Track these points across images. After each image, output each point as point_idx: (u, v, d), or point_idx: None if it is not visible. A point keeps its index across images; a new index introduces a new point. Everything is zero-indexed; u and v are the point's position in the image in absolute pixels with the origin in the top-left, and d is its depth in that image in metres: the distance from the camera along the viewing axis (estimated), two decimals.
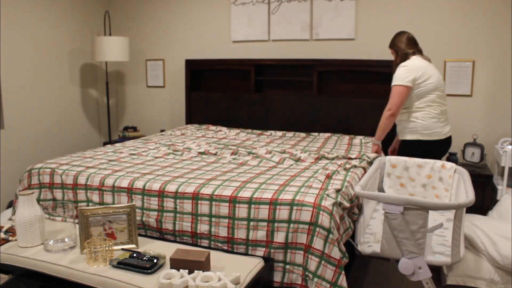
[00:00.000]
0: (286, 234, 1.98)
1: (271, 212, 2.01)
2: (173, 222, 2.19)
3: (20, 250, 2.04)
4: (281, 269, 2.02)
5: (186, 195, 2.17)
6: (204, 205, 2.13)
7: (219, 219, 2.10)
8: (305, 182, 2.23)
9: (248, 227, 2.05)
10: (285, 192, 2.09)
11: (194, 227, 2.15)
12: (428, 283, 2.03)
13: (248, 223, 2.05)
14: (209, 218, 2.12)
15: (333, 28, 3.99)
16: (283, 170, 2.53)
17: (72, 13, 4.44)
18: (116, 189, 2.34)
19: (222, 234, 2.10)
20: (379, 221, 2.45)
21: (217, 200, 2.11)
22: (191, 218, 2.16)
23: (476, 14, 3.56)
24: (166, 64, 4.74)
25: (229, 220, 2.08)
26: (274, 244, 2.01)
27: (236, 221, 2.07)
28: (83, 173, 2.48)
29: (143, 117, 4.95)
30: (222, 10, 4.40)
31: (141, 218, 2.26)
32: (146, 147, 3.17)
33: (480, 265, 2.55)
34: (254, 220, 2.03)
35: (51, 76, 4.26)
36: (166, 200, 2.21)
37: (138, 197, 2.28)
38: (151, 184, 2.28)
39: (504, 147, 3.34)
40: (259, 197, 2.05)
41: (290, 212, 1.98)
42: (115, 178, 2.38)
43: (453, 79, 3.68)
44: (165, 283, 1.68)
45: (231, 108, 4.32)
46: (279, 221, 2.00)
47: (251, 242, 2.05)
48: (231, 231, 2.08)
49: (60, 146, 4.36)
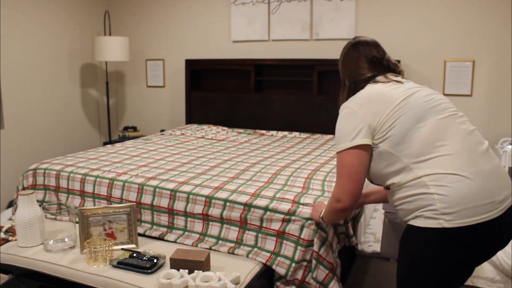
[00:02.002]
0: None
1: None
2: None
3: (20, 250, 2.04)
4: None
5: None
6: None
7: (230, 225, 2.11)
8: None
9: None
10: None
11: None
12: None
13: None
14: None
15: (333, 28, 3.99)
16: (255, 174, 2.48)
17: (72, 13, 4.44)
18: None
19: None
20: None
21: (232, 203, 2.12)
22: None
23: (476, 14, 3.56)
24: (166, 64, 4.73)
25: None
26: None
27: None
28: (90, 179, 2.48)
29: (143, 117, 4.94)
30: (222, 10, 4.39)
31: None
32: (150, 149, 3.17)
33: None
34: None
35: (51, 76, 4.25)
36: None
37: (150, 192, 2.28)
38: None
39: (504, 147, 3.34)
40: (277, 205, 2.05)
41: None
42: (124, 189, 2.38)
43: (453, 79, 3.68)
44: (165, 283, 1.68)
45: (231, 108, 4.32)
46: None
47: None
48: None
49: (60, 146, 4.36)
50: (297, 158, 2.88)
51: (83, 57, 4.63)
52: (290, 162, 2.76)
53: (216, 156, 2.92)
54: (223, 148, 3.20)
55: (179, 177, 2.36)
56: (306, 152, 3.08)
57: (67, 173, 2.54)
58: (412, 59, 3.77)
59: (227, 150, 3.13)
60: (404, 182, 1.44)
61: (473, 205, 1.35)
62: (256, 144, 3.41)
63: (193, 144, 3.35)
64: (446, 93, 3.70)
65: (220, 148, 3.18)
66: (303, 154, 3.01)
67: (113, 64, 4.92)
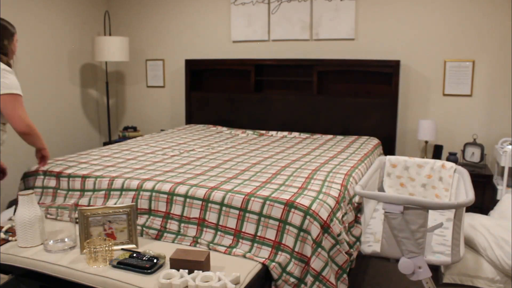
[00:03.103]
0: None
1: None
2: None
3: (20, 250, 2.04)
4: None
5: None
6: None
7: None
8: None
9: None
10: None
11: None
12: (428, 283, 2.03)
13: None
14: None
15: (333, 28, 3.99)
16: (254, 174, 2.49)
17: (72, 13, 4.44)
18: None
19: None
20: (379, 220, 2.46)
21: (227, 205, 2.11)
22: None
23: (476, 14, 3.56)
24: (166, 64, 4.74)
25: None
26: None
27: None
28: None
29: (143, 117, 4.95)
30: (222, 10, 4.40)
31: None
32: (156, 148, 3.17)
33: (479, 264, 2.55)
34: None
35: (51, 76, 4.26)
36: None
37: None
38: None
39: (504, 147, 3.34)
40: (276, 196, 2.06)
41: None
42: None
43: (453, 79, 3.68)
44: (165, 283, 1.68)
45: (231, 108, 4.32)
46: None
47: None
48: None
49: (60, 146, 4.36)
50: (296, 158, 2.88)
51: (83, 57, 4.63)
52: (290, 162, 2.76)
53: (216, 156, 2.92)
54: (223, 148, 3.20)
55: (176, 178, 2.36)
56: (306, 152, 3.08)
57: (67, 173, 2.54)
58: (412, 59, 3.77)
59: (226, 150, 3.13)
60: None
61: None
62: (255, 144, 3.41)
63: (190, 146, 3.35)
64: (446, 93, 3.71)
65: (219, 149, 3.18)
66: (303, 154, 3.01)
67: (113, 64, 4.92)
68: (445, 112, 3.75)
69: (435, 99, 3.76)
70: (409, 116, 3.86)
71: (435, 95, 3.76)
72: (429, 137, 3.59)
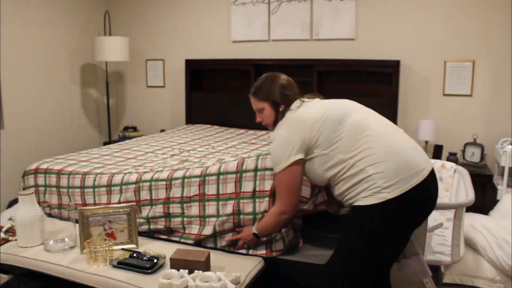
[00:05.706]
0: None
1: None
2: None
3: (20, 250, 2.04)
4: None
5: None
6: None
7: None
8: None
9: None
10: None
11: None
12: (428, 283, 2.03)
13: None
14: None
15: (333, 28, 3.98)
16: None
17: (72, 13, 4.43)
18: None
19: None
20: None
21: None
22: None
23: (476, 14, 3.55)
24: (166, 64, 4.73)
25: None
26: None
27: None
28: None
29: (143, 117, 4.94)
30: (222, 10, 4.39)
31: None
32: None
33: (479, 264, 2.55)
34: None
35: (51, 76, 4.25)
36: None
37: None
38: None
39: (504, 147, 3.33)
40: None
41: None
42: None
43: (453, 79, 3.68)
44: (165, 283, 1.68)
45: (231, 108, 4.32)
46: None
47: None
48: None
49: (60, 146, 4.36)
50: None
51: (83, 57, 4.63)
52: None
53: (216, 156, 2.92)
54: (223, 148, 3.20)
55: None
56: None
57: (68, 171, 2.55)
58: (412, 59, 3.77)
59: (226, 150, 3.13)
60: (342, 174, 1.72)
61: (403, 176, 1.63)
62: (255, 144, 3.41)
63: (190, 145, 3.35)
64: (446, 93, 3.71)
65: (219, 149, 3.17)
66: None
67: (113, 64, 4.92)
68: (445, 112, 3.74)
69: (435, 99, 3.76)
70: (409, 116, 3.86)
71: (435, 95, 3.76)
72: (429, 137, 3.59)
